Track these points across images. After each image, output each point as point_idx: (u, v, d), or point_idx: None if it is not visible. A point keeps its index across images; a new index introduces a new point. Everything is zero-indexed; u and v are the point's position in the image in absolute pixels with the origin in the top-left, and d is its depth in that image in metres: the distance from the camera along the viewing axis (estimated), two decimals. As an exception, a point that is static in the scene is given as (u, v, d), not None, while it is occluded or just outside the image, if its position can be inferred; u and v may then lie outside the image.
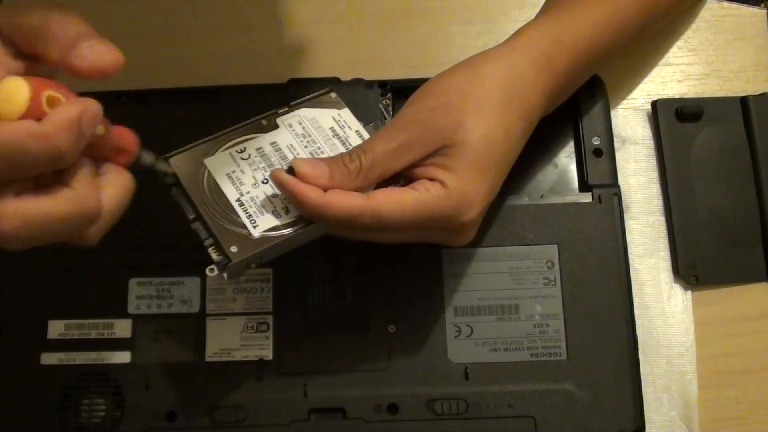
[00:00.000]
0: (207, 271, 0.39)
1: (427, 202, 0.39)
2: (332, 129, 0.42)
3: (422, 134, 0.40)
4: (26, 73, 0.32)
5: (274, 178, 0.38)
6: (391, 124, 0.41)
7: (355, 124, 0.43)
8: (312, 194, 0.37)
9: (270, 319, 0.46)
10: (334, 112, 0.43)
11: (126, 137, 0.35)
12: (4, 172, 0.30)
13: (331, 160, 0.39)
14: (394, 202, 0.38)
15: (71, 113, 0.31)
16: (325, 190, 0.38)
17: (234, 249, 0.38)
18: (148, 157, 0.37)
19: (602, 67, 0.48)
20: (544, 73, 0.43)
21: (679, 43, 0.54)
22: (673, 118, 0.51)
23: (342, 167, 0.38)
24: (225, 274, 0.39)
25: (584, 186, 0.48)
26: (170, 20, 0.55)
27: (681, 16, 0.54)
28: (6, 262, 0.46)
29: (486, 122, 0.40)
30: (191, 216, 0.40)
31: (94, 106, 0.32)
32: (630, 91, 0.53)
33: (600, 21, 0.45)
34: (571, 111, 0.49)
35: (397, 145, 0.39)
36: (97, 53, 0.32)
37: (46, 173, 0.32)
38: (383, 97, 0.49)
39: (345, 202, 0.37)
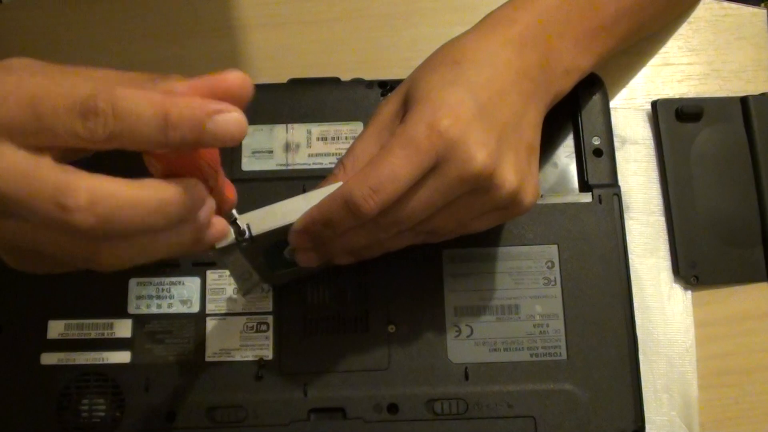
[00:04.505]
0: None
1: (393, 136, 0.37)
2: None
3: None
4: None
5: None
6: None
7: None
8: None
9: (270, 319, 0.45)
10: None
11: (229, 190, 0.35)
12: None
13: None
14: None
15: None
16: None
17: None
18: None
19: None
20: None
21: (679, 43, 0.54)
22: (673, 118, 0.51)
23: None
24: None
25: (584, 186, 0.48)
26: (170, 20, 0.55)
27: (680, 17, 0.54)
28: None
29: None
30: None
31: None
32: (630, 91, 0.53)
33: None
34: (571, 111, 0.49)
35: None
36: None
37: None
38: (383, 97, 0.49)
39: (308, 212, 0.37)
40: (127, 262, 0.31)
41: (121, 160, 0.31)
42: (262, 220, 0.38)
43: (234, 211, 0.36)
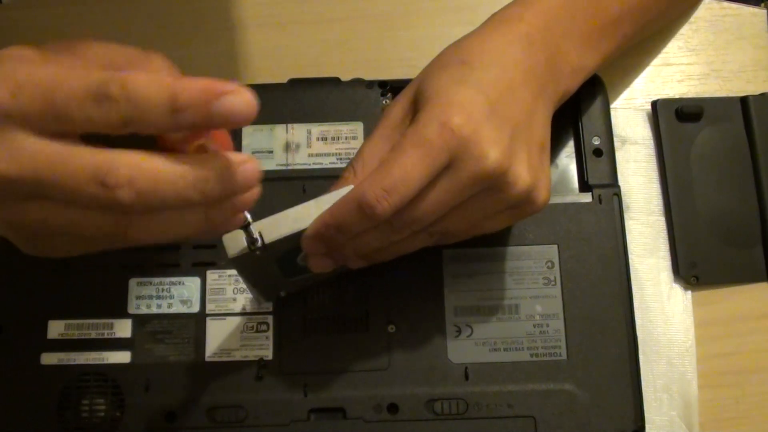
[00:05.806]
0: None
1: (403, 136, 0.37)
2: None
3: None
4: None
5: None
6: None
7: None
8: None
9: (270, 319, 0.45)
10: None
11: None
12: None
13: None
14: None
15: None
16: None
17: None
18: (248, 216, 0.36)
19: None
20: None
21: (679, 43, 0.54)
22: (673, 118, 0.51)
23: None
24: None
25: (584, 186, 0.48)
26: (171, 20, 0.55)
27: (683, 16, 0.54)
28: (6, 262, 0.46)
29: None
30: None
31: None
32: (630, 91, 0.53)
33: None
34: (571, 111, 0.49)
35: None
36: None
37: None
38: (383, 97, 0.49)
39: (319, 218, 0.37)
40: (155, 238, 0.31)
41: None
42: (274, 227, 0.37)
43: (247, 214, 0.35)
